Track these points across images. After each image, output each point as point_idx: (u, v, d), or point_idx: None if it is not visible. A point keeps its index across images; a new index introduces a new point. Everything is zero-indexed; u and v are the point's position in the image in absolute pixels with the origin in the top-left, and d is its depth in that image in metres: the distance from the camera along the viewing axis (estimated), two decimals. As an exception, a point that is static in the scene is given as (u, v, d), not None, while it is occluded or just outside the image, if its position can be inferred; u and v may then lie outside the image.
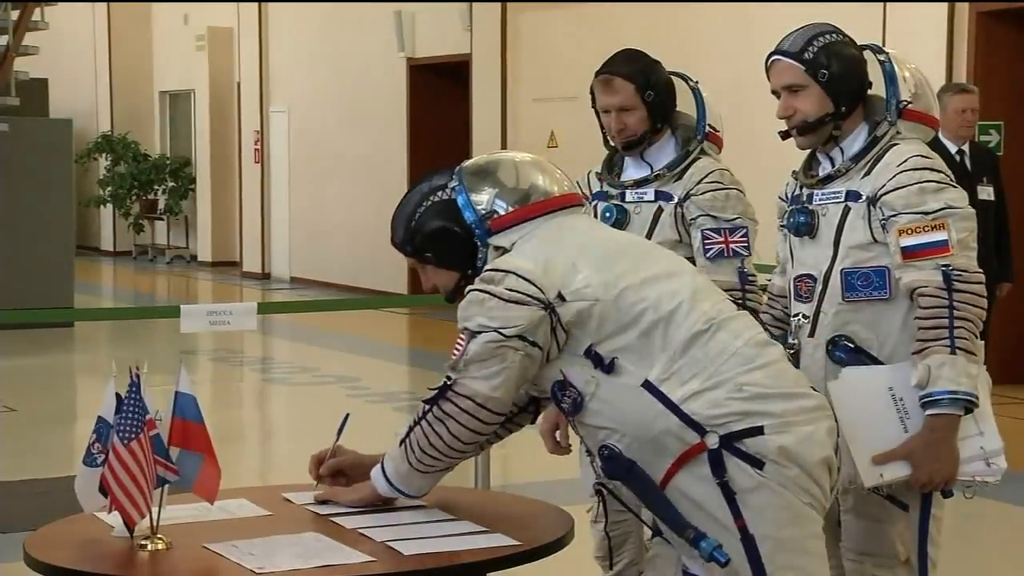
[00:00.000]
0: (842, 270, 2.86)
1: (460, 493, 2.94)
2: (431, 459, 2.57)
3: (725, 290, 3.17)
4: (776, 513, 2.37)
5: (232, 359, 10.38)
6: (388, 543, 2.47)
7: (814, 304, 2.90)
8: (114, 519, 2.49)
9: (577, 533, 2.66)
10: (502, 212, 2.54)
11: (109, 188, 18.31)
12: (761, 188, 3.52)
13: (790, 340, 2.95)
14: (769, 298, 3.17)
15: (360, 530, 2.56)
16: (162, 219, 18.55)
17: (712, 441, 2.37)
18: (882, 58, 2.91)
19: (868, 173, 2.85)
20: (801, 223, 2.92)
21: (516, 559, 2.48)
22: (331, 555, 2.40)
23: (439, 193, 2.60)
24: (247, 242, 16.54)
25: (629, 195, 3.31)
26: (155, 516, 2.45)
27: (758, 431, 2.35)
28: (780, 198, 3.06)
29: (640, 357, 2.41)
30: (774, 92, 2.93)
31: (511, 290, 2.45)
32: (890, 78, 2.89)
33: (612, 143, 3.33)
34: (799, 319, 2.94)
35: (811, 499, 2.41)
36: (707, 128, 3.34)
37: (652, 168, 3.29)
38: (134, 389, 2.43)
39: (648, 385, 2.39)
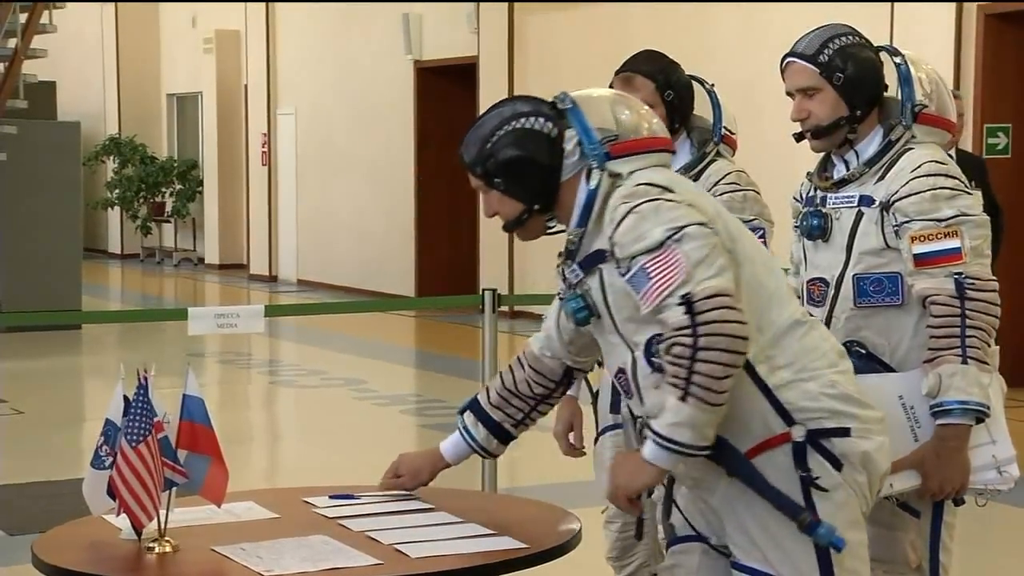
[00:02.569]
0: (854, 275, 2.85)
1: (467, 496, 2.94)
2: (722, 384, 2.26)
3: None
4: (846, 515, 2.36)
5: (239, 361, 10.40)
6: (396, 546, 2.47)
7: (826, 308, 2.88)
8: (122, 522, 2.49)
9: (585, 536, 2.66)
10: (622, 138, 2.43)
11: (117, 190, 18.34)
12: (772, 189, 3.51)
13: None
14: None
15: (368, 533, 2.56)
16: (169, 221, 18.58)
17: (799, 433, 2.33)
18: (898, 60, 2.88)
19: (882, 178, 2.83)
20: (814, 226, 2.90)
21: (524, 562, 2.47)
22: (339, 558, 2.40)
23: (521, 121, 2.46)
24: (254, 245, 16.56)
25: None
26: (163, 519, 2.45)
27: (845, 432, 2.34)
28: (795, 199, 3.04)
29: None
30: (788, 94, 2.91)
31: (672, 201, 2.35)
32: (905, 80, 2.86)
33: None
34: None
35: (865, 508, 2.42)
36: (723, 130, 3.34)
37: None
38: (142, 391, 2.43)
39: (746, 362, 2.31)
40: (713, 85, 3.39)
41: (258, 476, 6.61)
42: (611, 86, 3.29)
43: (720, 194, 3.22)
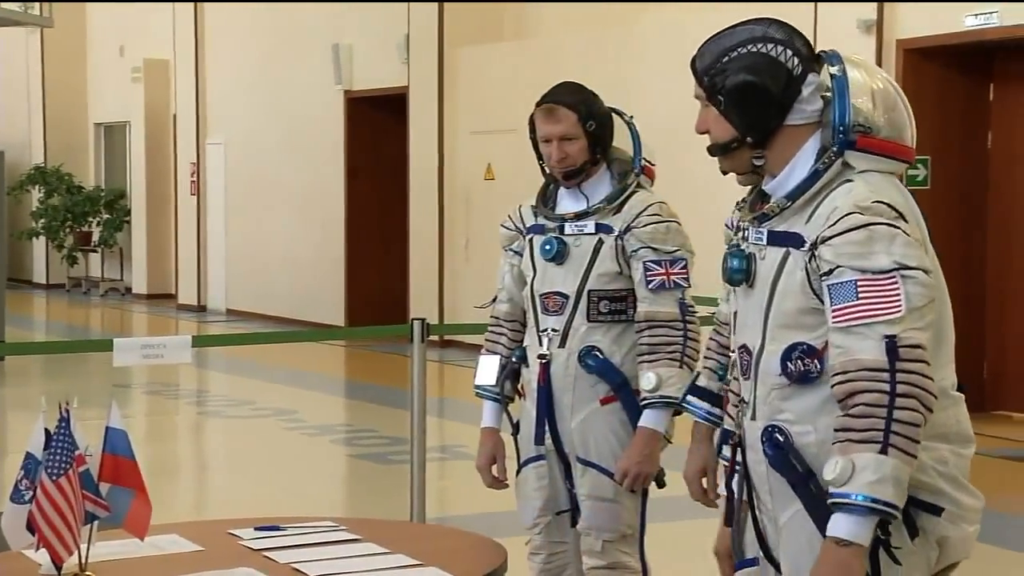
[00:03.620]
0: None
1: (395, 527, 2.92)
2: (918, 436, 2.11)
3: (667, 321, 3.19)
4: None
5: (167, 392, 10.26)
6: (321, 578, 2.45)
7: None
8: (42, 557, 2.45)
9: (510, 565, 2.65)
10: (876, 134, 2.26)
11: (42, 220, 18.09)
12: (697, 218, 3.54)
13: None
14: (717, 324, 3.14)
15: (293, 565, 2.54)
16: (96, 251, 18.34)
17: None
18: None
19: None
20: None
21: (450, 593, 2.46)
22: (264, 591, 2.38)
23: (769, 46, 2.25)
24: (183, 274, 16.39)
25: (568, 227, 3.29)
26: (83, 553, 2.41)
27: (937, 511, 2.20)
28: (726, 225, 3.04)
29: None
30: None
31: (908, 234, 2.18)
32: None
33: (551, 173, 3.34)
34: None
35: None
36: (643, 161, 3.37)
37: (589, 201, 3.31)
38: (63, 424, 2.40)
39: None
40: (632, 117, 3.41)
41: (185, 508, 6.52)
42: (532, 117, 3.31)
43: (643, 225, 3.24)
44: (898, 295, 2.13)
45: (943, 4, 8.17)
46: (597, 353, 3.25)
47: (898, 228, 2.18)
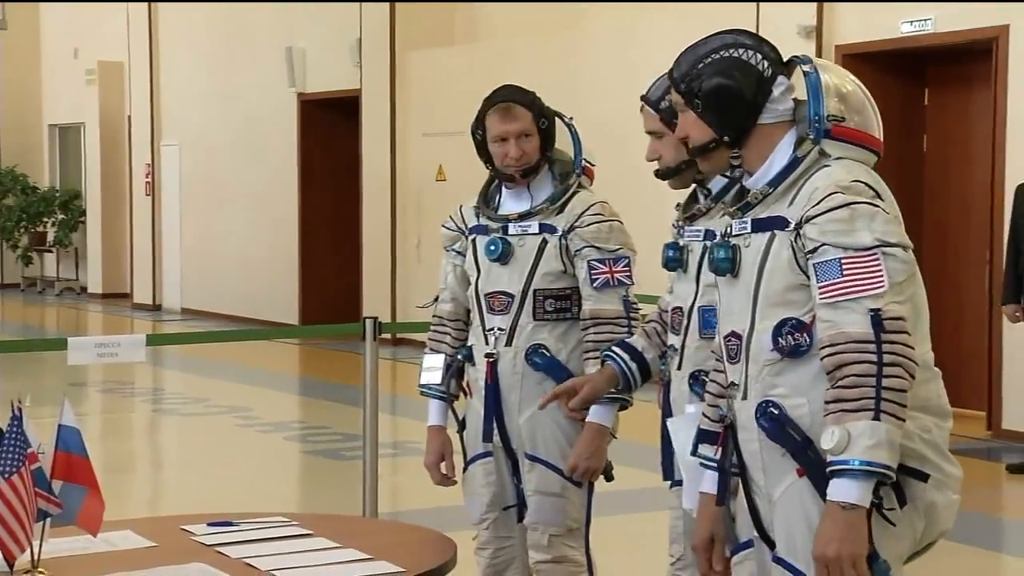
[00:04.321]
0: (700, 307, 2.87)
1: (347, 521, 2.91)
2: (905, 401, 2.20)
3: (612, 318, 3.19)
4: (897, 548, 2.29)
5: (123, 390, 10.16)
6: (273, 572, 2.44)
7: (681, 337, 2.92)
8: (-6, 554, 2.41)
9: (460, 559, 2.65)
10: (848, 124, 2.35)
11: (-3, 221, 17.88)
12: (643, 219, 3.55)
13: (665, 369, 2.97)
14: (660, 312, 3.12)
15: (246, 560, 2.52)
16: (51, 251, 18.14)
17: None
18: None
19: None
20: (669, 258, 2.96)
21: (400, 586, 2.45)
22: (216, 585, 2.36)
23: (740, 51, 2.36)
24: (138, 274, 16.25)
25: (512, 228, 3.29)
26: (36, 550, 2.38)
27: (923, 477, 2.27)
28: (673, 225, 3.09)
29: None
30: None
31: (887, 211, 2.27)
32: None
33: (501, 173, 3.32)
34: (671, 351, 2.96)
35: (908, 553, 2.33)
36: (583, 162, 3.37)
37: (533, 201, 3.30)
38: (15, 423, 2.37)
39: None
40: (572, 119, 3.42)
41: (139, 505, 6.46)
42: (480, 118, 3.29)
43: (587, 224, 3.25)
44: (880, 271, 2.21)
45: (880, 11, 8.27)
46: (544, 351, 3.25)
47: (877, 207, 2.26)
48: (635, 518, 3.41)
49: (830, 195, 2.26)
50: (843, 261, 2.22)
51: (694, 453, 2.52)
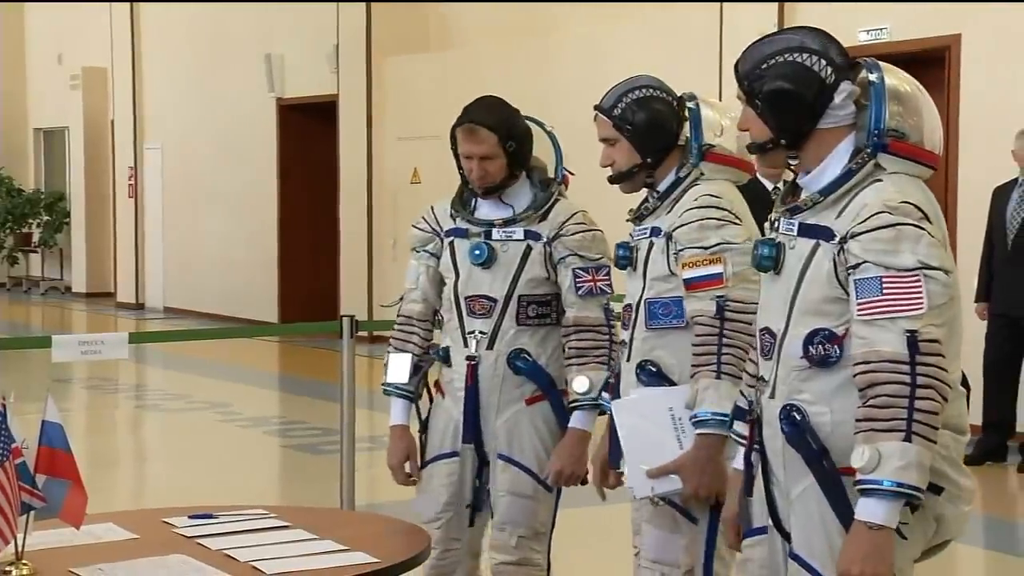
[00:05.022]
0: (647, 300, 2.91)
1: (325, 514, 2.90)
2: (938, 424, 2.17)
3: (594, 326, 3.18)
4: (908, 554, 2.27)
5: (106, 387, 10.10)
6: (252, 563, 2.43)
7: (630, 331, 2.95)
8: (-21, 546, 2.39)
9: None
10: (907, 139, 2.29)
11: (-17, 222, 17.75)
12: (611, 225, 3.52)
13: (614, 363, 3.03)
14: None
15: (225, 551, 2.51)
16: (36, 252, 18.02)
17: None
18: (691, 105, 2.95)
19: (670, 211, 2.91)
20: (619, 256, 3.00)
21: (375, 575, 2.45)
22: (196, 576, 2.35)
23: (805, 56, 2.30)
24: (121, 273, 16.16)
25: (496, 233, 3.23)
26: (20, 542, 2.36)
27: (936, 490, 2.24)
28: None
29: None
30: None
31: (932, 235, 2.21)
32: (694, 123, 2.93)
33: (471, 187, 3.30)
34: (622, 345, 3.00)
35: (918, 555, 2.31)
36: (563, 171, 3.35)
37: (514, 208, 3.27)
38: (0, 418, 2.34)
39: None
40: (553, 128, 3.40)
41: (122, 499, 6.42)
42: (453, 134, 3.26)
43: (572, 233, 3.22)
44: (920, 292, 2.17)
45: (837, 19, 8.30)
46: (526, 356, 3.21)
47: (924, 229, 2.21)
48: (597, 511, 3.39)
49: (877, 214, 2.22)
50: (884, 280, 2.18)
51: (729, 428, 2.53)
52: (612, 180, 2.99)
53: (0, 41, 18.13)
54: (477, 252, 3.23)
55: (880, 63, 2.38)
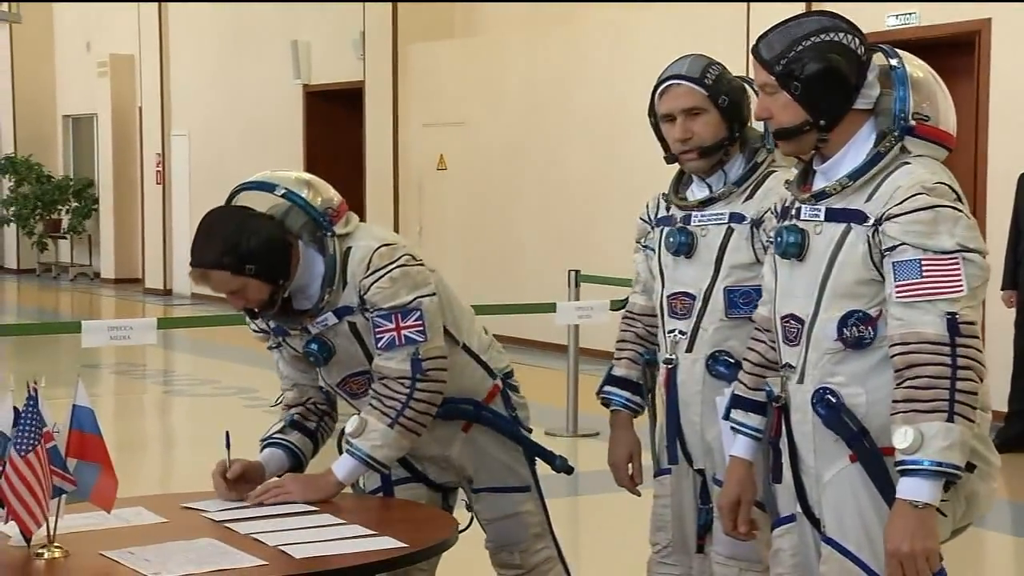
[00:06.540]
0: (725, 288, 2.76)
1: (351, 499, 2.91)
2: (976, 403, 2.18)
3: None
4: (939, 533, 2.24)
5: (134, 372, 10.17)
6: (280, 547, 2.44)
7: (692, 320, 2.81)
8: (11, 529, 2.42)
9: (462, 536, 2.65)
10: (931, 122, 2.29)
11: (13, 208, 17.85)
12: (629, 212, 3.42)
13: (667, 355, 2.85)
14: (628, 316, 3.05)
15: (254, 535, 2.52)
16: (65, 238, 18.13)
17: None
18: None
19: (750, 197, 2.77)
20: (681, 243, 2.81)
21: (403, 560, 2.46)
22: (224, 560, 2.36)
23: (840, 35, 2.27)
24: (149, 260, 16.24)
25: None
26: (52, 525, 2.38)
27: (970, 468, 2.24)
28: (642, 219, 2.99)
29: None
30: (666, 116, 2.79)
31: (968, 217, 2.21)
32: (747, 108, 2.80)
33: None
34: (675, 335, 2.83)
35: (946, 536, 2.30)
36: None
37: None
38: (31, 403, 2.36)
39: None
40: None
41: (150, 483, 6.46)
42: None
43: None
44: (959, 275, 2.18)
45: (865, 4, 8.24)
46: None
47: (961, 211, 2.22)
48: (619, 497, 3.36)
49: (914, 195, 2.21)
50: (923, 262, 2.18)
51: (726, 417, 2.51)
52: (700, 153, 2.77)
53: (29, 29, 18.21)
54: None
55: (898, 51, 2.37)
